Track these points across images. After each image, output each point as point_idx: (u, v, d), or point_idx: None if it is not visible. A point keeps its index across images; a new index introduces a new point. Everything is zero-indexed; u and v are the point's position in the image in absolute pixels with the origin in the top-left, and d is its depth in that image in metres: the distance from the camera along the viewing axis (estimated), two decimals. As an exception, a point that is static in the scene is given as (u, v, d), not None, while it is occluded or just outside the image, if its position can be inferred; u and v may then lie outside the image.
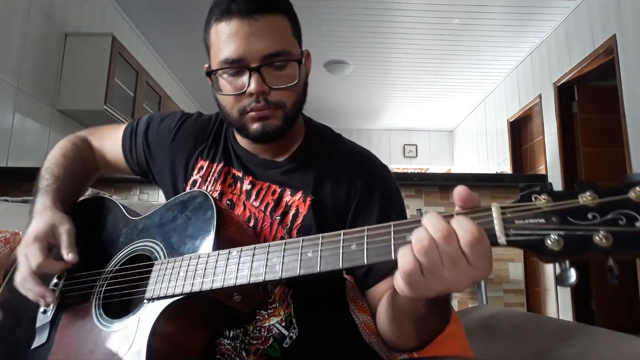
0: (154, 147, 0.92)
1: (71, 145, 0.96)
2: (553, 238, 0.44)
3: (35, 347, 0.74)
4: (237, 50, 0.71)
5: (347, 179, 0.81)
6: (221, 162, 0.85)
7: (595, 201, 0.44)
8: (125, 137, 0.96)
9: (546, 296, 4.30)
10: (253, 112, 0.75)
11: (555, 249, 0.44)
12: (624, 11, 3.28)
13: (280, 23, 0.75)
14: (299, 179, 0.81)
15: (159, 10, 4.07)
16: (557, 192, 0.46)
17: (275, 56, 0.72)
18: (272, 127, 0.76)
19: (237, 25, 0.71)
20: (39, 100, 3.10)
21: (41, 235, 0.74)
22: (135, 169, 0.97)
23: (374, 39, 4.53)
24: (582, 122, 3.97)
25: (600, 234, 0.42)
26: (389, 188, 0.84)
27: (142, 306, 0.67)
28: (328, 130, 0.91)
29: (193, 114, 0.95)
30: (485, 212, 0.48)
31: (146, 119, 0.96)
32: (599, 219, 0.43)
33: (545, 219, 0.45)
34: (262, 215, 0.79)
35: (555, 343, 0.91)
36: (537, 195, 0.46)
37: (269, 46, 0.72)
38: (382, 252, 0.51)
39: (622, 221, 0.42)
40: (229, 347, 0.74)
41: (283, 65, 0.74)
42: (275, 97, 0.74)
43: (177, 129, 0.91)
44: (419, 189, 2.82)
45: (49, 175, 0.88)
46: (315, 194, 0.79)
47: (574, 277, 0.44)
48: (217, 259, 0.62)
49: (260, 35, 0.71)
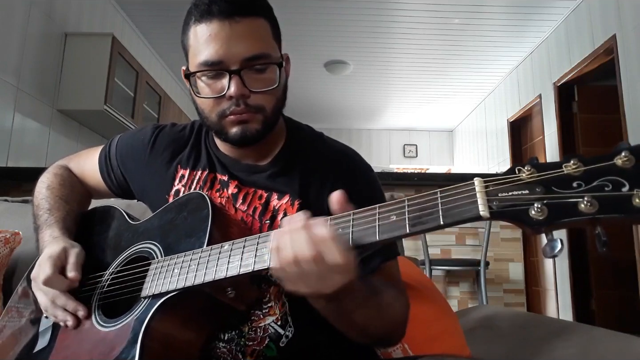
0: (131, 167, 0.92)
1: (53, 176, 0.96)
2: (537, 207, 0.43)
3: (38, 350, 0.76)
4: (217, 53, 0.70)
5: (330, 180, 0.80)
6: (205, 170, 0.85)
7: (580, 169, 0.43)
8: (101, 163, 0.96)
9: (546, 296, 4.30)
10: (232, 116, 0.74)
11: (540, 217, 0.43)
12: (624, 11, 3.28)
13: (261, 25, 0.74)
14: (284, 183, 0.80)
15: (159, 10, 4.07)
16: (541, 163, 0.45)
17: (255, 59, 0.71)
18: (252, 131, 0.75)
19: (218, 27, 0.70)
20: (39, 100, 3.11)
21: (55, 255, 0.75)
22: (117, 192, 0.97)
23: (374, 39, 4.53)
24: (582, 122, 3.97)
25: (585, 201, 0.41)
26: (369, 185, 0.84)
27: (138, 305, 0.68)
28: (309, 130, 0.90)
29: (166, 125, 0.94)
30: (468, 187, 0.48)
31: (117, 140, 0.96)
32: (584, 186, 0.42)
33: (529, 189, 0.44)
34: (251, 219, 0.79)
35: (555, 343, 0.91)
36: (521, 167, 0.46)
37: (249, 49, 0.71)
38: (367, 233, 0.53)
39: (607, 187, 0.41)
40: (224, 351, 0.74)
41: (263, 68, 0.73)
42: (255, 101, 0.73)
43: (152, 144, 0.90)
44: (419, 189, 2.82)
45: (42, 211, 0.89)
46: (302, 197, 0.79)
47: (560, 246, 0.43)
48: (209, 253, 0.64)
49: (240, 37, 0.70)
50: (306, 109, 6.51)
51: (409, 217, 0.51)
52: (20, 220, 1.28)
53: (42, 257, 0.77)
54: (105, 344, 0.67)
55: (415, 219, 0.51)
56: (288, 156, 0.83)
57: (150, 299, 0.66)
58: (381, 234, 0.52)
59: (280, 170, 0.82)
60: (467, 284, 2.88)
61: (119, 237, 0.83)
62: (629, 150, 0.42)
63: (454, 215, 0.48)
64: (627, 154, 0.41)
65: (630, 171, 0.41)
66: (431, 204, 0.50)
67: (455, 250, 2.85)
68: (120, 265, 0.78)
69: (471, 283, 2.88)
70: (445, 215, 0.49)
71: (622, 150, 0.42)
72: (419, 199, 0.52)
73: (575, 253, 3.81)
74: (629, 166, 0.41)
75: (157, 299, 0.65)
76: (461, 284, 2.89)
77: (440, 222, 0.49)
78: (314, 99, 6.21)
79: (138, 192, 0.93)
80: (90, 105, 3.32)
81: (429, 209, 0.50)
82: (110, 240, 0.85)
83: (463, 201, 0.48)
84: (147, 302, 0.66)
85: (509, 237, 2.88)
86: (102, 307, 0.74)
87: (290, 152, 0.84)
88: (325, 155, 0.84)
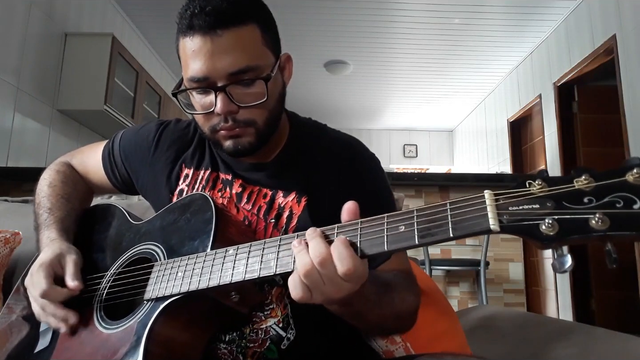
0: (135, 163, 0.91)
1: (55, 174, 0.95)
2: (548, 223, 0.43)
3: (38, 350, 0.75)
4: (201, 69, 0.68)
5: (335, 174, 0.80)
6: (208, 169, 0.84)
7: (591, 185, 0.43)
8: (104, 159, 0.95)
9: (546, 296, 4.30)
10: (223, 131, 0.73)
11: (551, 233, 0.43)
12: (624, 11, 3.28)
13: (248, 34, 0.70)
14: (289, 180, 0.80)
15: (159, 10, 4.07)
16: (552, 177, 0.45)
17: (241, 73, 0.69)
18: (245, 145, 0.74)
19: (200, 42, 0.68)
20: (39, 100, 3.10)
21: (47, 263, 0.74)
22: (121, 188, 0.96)
23: (374, 39, 4.53)
24: (582, 122, 3.97)
25: (597, 217, 0.41)
26: (374, 177, 0.83)
27: (141, 307, 0.67)
28: (312, 123, 0.89)
29: (170, 121, 0.93)
30: (478, 200, 0.48)
31: (120, 136, 0.95)
32: (595, 202, 0.42)
33: (540, 204, 0.44)
34: (255, 218, 0.78)
35: (555, 343, 0.91)
36: (532, 181, 0.45)
37: (234, 63, 0.68)
38: (375, 243, 0.53)
39: (619, 204, 0.41)
40: (225, 352, 0.73)
41: (250, 82, 0.70)
42: (244, 116, 0.72)
43: (156, 141, 0.89)
44: (419, 189, 2.82)
45: (43, 210, 0.88)
46: (309, 193, 0.78)
47: (570, 263, 0.43)
48: (214, 257, 0.63)
49: (224, 51, 0.68)
50: (306, 109, 6.48)
51: (418, 229, 0.51)
52: (20, 220, 1.28)
53: (34, 264, 0.75)
54: (107, 346, 0.66)
55: (424, 230, 0.50)
56: (292, 152, 0.83)
57: (154, 301, 0.66)
58: (390, 244, 0.52)
59: (285, 167, 0.81)
60: (467, 284, 2.89)
61: (120, 237, 0.83)
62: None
63: (464, 228, 0.48)
64: (639, 170, 0.41)
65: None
66: (440, 215, 0.50)
67: (455, 250, 2.85)
68: (122, 266, 0.77)
69: (471, 283, 2.88)
70: (455, 227, 0.48)
71: (633, 166, 0.41)
72: (428, 210, 0.51)
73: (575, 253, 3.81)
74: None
75: (160, 302, 0.64)
76: (461, 284, 2.89)
77: (450, 234, 0.48)
78: (314, 99, 6.21)
79: (141, 188, 0.92)
80: (90, 105, 3.32)
81: (439, 221, 0.50)
82: (111, 240, 0.84)
83: (473, 214, 0.47)
84: (150, 305, 0.66)
85: (509, 237, 2.87)
86: (104, 308, 0.73)
87: (293, 148, 0.83)
88: (329, 149, 0.83)
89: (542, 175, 0.46)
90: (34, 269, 0.74)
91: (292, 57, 0.81)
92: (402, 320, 0.71)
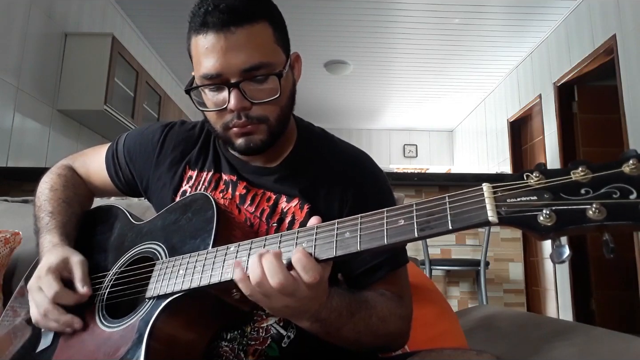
0: (139, 165, 0.91)
1: (57, 177, 0.95)
2: (545, 213, 0.43)
3: (40, 350, 0.75)
4: (214, 66, 0.69)
5: (340, 187, 0.80)
6: (211, 170, 0.84)
7: (588, 176, 0.43)
8: (108, 161, 0.95)
9: (546, 296, 4.30)
10: (236, 128, 0.73)
11: (549, 224, 0.43)
12: (624, 11, 3.28)
13: (260, 32, 0.71)
14: (293, 186, 0.80)
15: (159, 10, 4.07)
16: (549, 170, 0.46)
17: (254, 69, 0.70)
18: (257, 142, 0.74)
19: (214, 39, 0.69)
20: (39, 100, 3.10)
21: (54, 267, 0.74)
22: (124, 190, 0.96)
23: (374, 39, 4.53)
24: (582, 122, 3.97)
25: (594, 208, 0.41)
26: (380, 194, 0.83)
27: (143, 305, 0.67)
28: (320, 132, 0.89)
29: (175, 123, 0.93)
30: (476, 192, 0.48)
31: (124, 138, 0.95)
32: (592, 193, 0.42)
33: (538, 195, 0.45)
34: (257, 221, 0.78)
35: (555, 343, 0.91)
36: (529, 173, 0.46)
37: (247, 60, 0.69)
38: (375, 237, 0.53)
39: (615, 195, 0.41)
40: (227, 350, 0.74)
41: (264, 78, 0.71)
42: (257, 112, 0.72)
43: (161, 143, 0.90)
44: (419, 189, 2.82)
45: (44, 214, 0.87)
46: (312, 201, 0.78)
47: (567, 253, 0.43)
48: (215, 254, 0.63)
49: (237, 48, 0.68)
50: (306, 109, 6.50)
51: (417, 222, 0.51)
52: (20, 220, 1.28)
53: (40, 268, 0.75)
54: (109, 345, 0.66)
55: (423, 223, 0.51)
56: (298, 159, 0.83)
57: (155, 299, 0.66)
58: (389, 238, 0.52)
59: (290, 173, 0.81)
60: (467, 284, 2.89)
61: (122, 237, 0.83)
62: (636, 158, 0.42)
63: (462, 221, 0.48)
64: (635, 161, 0.42)
65: (638, 179, 0.41)
66: (439, 208, 0.50)
67: (455, 250, 2.85)
68: (123, 266, 0.77)
69: (471, 283, 2.88)
70: (454, 220, 0.49)
71: (629, 157, 0.42)
72: (427, 204, 0.52)
73: (575, 253, 3.81)
74: (637, 174, 0.41)
75: (162, 299, 0.65)
76: (461, 284, 2.89)
77: (449, 227, 0.49)
78: (314, 99, 6.21)
79: (145, 190, 0.92)
80: (90, 105, 3.31)
81: (438, 214, 0.50)
82: (113, 240, 0.84)
83: (472, 206, 0.48)
84: (152, 303, 0.66)
85: (509, 237, 2.88)
86: (106, 307, 0.73)
87: (300, 155, 0.83)
88: (336, 160, 0.83)
89: (539, 167, 0.46)
90: (42, 273, 0.74)
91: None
92: (380, 339, 0.72)
